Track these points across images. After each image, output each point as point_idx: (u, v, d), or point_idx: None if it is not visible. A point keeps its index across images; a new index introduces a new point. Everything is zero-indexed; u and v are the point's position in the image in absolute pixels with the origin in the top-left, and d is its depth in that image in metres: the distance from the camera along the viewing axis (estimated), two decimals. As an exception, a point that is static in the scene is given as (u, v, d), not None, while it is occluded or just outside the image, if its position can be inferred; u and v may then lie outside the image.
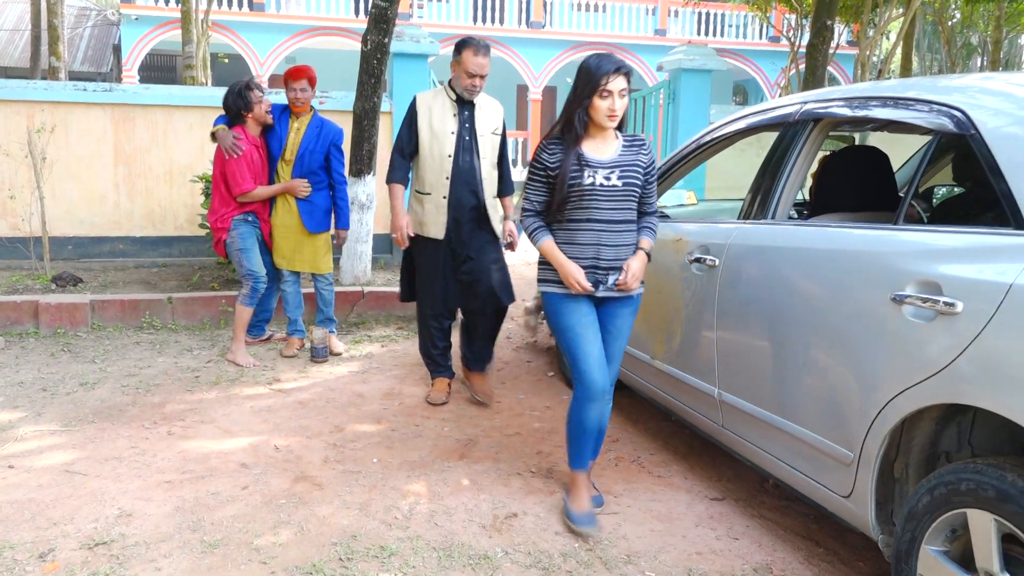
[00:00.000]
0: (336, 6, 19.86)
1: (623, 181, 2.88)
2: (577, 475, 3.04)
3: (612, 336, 3.00)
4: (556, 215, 2.91)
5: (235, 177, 4.72)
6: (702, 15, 22.07)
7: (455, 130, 4.08)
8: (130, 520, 2.90)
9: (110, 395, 4.25)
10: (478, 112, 4.15)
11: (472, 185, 4.11)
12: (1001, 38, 13.74)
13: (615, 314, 2.99)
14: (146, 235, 7.15)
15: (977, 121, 2.20)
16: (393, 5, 6.08)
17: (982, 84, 2.40)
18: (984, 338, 1.94)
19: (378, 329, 5.84)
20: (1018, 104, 2.18)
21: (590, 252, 2.88)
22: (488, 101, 4.24)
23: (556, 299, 2.96)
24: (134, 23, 18.54)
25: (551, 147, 2.91)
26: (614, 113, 2.82)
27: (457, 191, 4.09)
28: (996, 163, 2.09)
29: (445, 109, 4.11)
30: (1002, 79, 2.34)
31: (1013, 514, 1.84)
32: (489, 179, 4.18)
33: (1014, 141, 2.08)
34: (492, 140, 4.20)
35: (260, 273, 4.88)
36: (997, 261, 2.00)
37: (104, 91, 7.00)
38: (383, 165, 7.37)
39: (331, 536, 2.84)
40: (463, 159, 4.09)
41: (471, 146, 4.12)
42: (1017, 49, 25.75)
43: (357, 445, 3.69)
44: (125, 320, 5.59)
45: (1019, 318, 1.87)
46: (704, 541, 2.90)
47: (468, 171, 4.10)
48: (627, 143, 2.97)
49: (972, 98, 2.29)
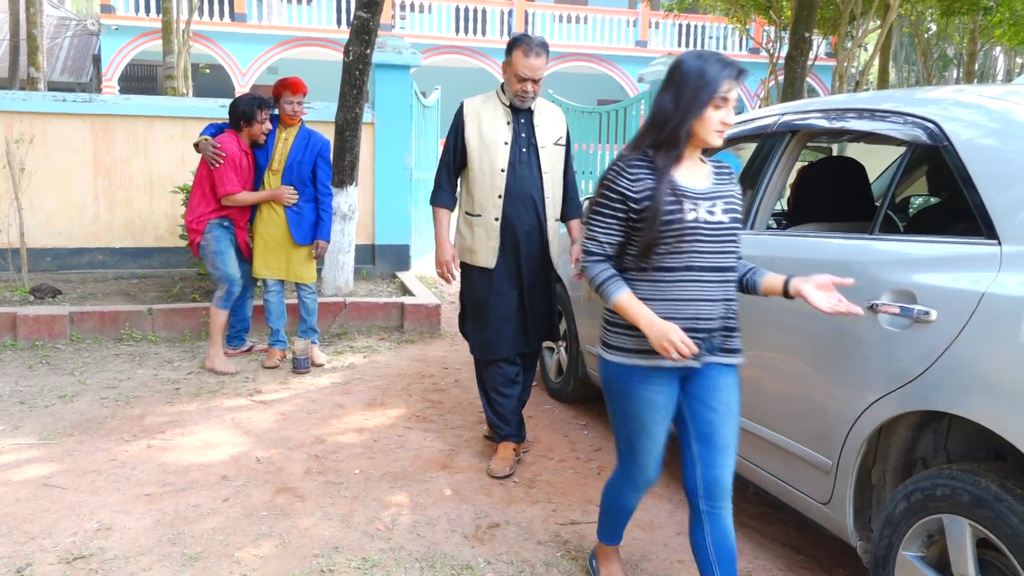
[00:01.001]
0: (318, 17, 19.87)
1: (729, 216, 2.23)
2: (609, 549, 2.66)
3: (721, 416, 2.26)
4: (640, 262, 2.19)
5: (221, 178, 4.72)
6: (683, 27, 22.26)
7: (508, 140, 3.48)
8: (109, 533, 2.88)
9: (89, 408, 4.21)
10: (537, 119, 3.55)
11: (531, 204, 3.50)
12: (976, 50, 13.96)
13: (718, 386, 2.26)
14: (126, 246, 7.10)
15: (950, 133, 2.24)
16: (375, 16, 6.10)
17: (955, 97, 2.44)
18: (957, 346, 1.98)
19: (360, 340, 5.83)
20: (990, 116, 2.23)
21: (689, 311, 2.18)
22: (548, 107, 3.63)
23: (632, 374, 2.26)
24: (114, 33, 18.46)
25: (633, 171, 2.19)
26: (727, 127, 2.22)
27: (512, 211, 3.48)
28: (968, 174, 2.13)
29: (497, 116, 3.52)
30: (974, 92, 2.39)
31: (987, 519, 1.87)
32: (552, 197, 3.56)
33: (985, 153, 2.13)
34: (555, 152, 3.56)
35: (235, 276, 4.87)
36: (970, 270, 2.03)
37: (84, 102, 6.96)
38: (365, 176, 7.40)
39: (313, 548, 2.82)
40: (520, 173, 3.48)
41: (529, 158, 3.50)
42: (992, 61, 26.17)
43: (339, 456, 3.68)
44: (104, 332, 5.54)
45: (991, 326, 1.90)
46: (685, 550, 2.91)
47: (526, 187, 3.49)
48: (716, 168, 2.32)
49: (945, 111, 2.34)
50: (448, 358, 5.47)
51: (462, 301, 3.73)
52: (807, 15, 7.20)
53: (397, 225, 7.80)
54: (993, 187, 2.05)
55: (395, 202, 7.76)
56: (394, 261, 7.79)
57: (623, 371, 2.27)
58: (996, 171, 2.07)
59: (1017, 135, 2.09)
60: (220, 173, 4.72)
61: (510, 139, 3.48)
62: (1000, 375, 1.87)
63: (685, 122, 2.17)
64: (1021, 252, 1.92)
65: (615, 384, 2.32)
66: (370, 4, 6.06)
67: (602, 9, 22.17)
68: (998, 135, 2.15)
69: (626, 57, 21.82)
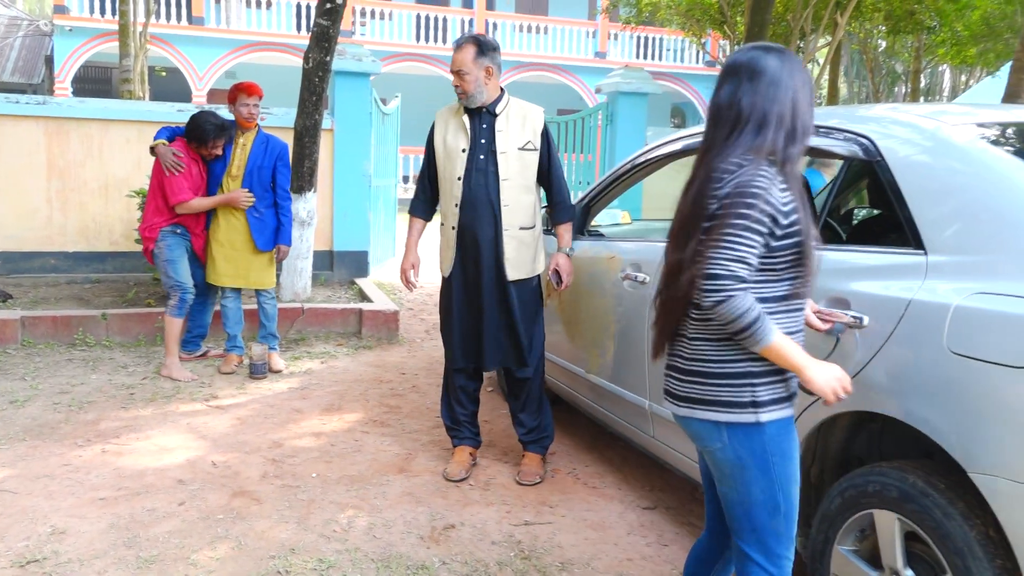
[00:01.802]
0: (277, 22, 19.76)
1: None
2: None
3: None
4: (772, 288, 1.85)
5: (172, 187, 4.70)
6: (641, 39, 22.58)
7: (466, 147, 3.42)
8: (63, 537, 2.88)
9: (42, 413, 4.17)
10: (501, 124, 3.43)
11: (488, 213, 3.40)
12: (921, 68, 14.45)
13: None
14: (79, 250, 7.02)
15: (884, 149, 2.36)
16: (335, 24, 6.13)
17: (891, 115, 2.57)
18: (887, 349, 2.10)
19: (318, 346, 5.84)
20: (920, 134, 2.35)
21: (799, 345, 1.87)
22: (521, 111, 3.50)
23: (790, 427, 1.90)
24: (68, 34, 18.15)
25: (779, 180, 1.83)
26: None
27: (468, 220, 3.41)
28: (899, 189, 2.25)
29: (458, 123, 3.47)
30: (909, 110, 2.52)
31: (914, 513, 1.99)
32: (516, 205, 3.43)
33: (915, 169, 2.25)
34: (519, 157, 3.43)
35: (187, 284, 4.86)
36: (900, 279, 2.15)
37: (37, 103, 6.88)
38: (324, 182, 7.42)
39: (269, 550, 2.85)
40: (475, 182, 3.40)
41: (487, 166, 3.40)
42: (939, 77, 26.97)
43: (296, 460, 3.70)
44: (57, 337, 5.48)
45: (917, 331, 2.02)
46: (635, 548, 3.00)
47: (482, 196, 3.39)
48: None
49: (880, 128, 2.46)
50: (406, 364, 5.51)
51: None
52: (758, 31, 7.41)
53: (356, 231, 7.82)
54: (921, 201, 2.17)
55: (354, 209, 7.79)
56: (353, 267, 7.81)
57: (784, 427, 1.88)
58: (924, 186, 2.19)
59: (944, 153, 2.22)
60: (171, 182, 4.70)
61: (468, 146, 3.43)
62: (925, 377, 1.98)
63: (810, 123, 1.90)
64: (945, 261, 2.04)
65: (778, 445, 1.87)
66: (330, 12, 6.10)
67: (562, 20, 22.40)
68: (928, 152, 2.27)
69: (585, 67, 22.06)
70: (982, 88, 13.16)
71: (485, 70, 3.39)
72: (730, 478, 1.90)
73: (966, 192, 2.09)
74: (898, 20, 10.65)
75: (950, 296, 1.96)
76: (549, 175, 3.55)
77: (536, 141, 3.48)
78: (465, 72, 3.37)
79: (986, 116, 2.45)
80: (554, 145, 3.57)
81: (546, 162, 3.52)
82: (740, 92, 1.87)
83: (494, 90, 3.46)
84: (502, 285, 3.47)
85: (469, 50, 3.36)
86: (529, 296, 3.55)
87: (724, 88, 1.91)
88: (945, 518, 1.91)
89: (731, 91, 1.89)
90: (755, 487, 1.87)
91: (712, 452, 1.90)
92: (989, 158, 2.12)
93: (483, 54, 3.38)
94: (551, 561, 2.87)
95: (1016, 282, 1.85)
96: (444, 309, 3.63)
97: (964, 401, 1.87)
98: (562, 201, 3.58)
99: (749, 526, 1.91)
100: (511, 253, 3.45)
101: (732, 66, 1.92)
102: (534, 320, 3.59)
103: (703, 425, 1.89)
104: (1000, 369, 1.79)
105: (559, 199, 3.58)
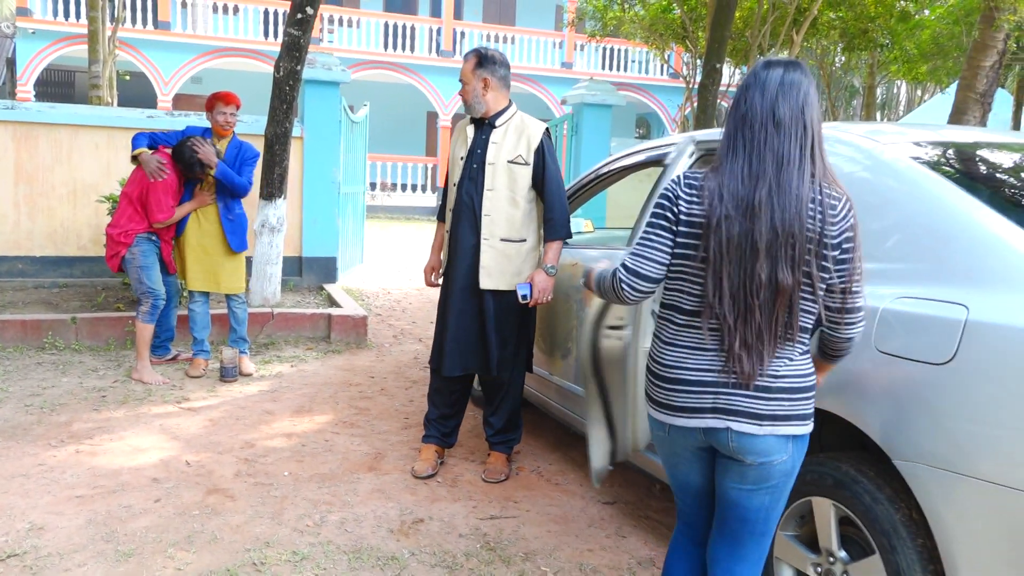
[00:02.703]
0: (244, 28, 19.73)
1: None
2: None
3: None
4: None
5: (160, 204, 4.77)
6: (607, 50, 22.91)
7: (464, 156, 3.61)
8: (42, 533, 2.96)
9: (13, 415, 4.23)
10: (496, 136, 3.57)
11: (472, 221, 3.55)
12: (875, 84, 14.93)
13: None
14: (47, 255, 7.02)
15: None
16: (306, 34, 6.25)
17: (833, 134, 2.75)
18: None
19: (287, 350, 5.93)
20: (859, 153, 2.54)
21: None
22: (519, 125, 3.61)
23: None
24: (31, 37, 17.95)
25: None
26: None
27: (456, 226, 3.60)
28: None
29: (466, 133, 3.66)
30: (849, 130, 2.72)
31: (846, 498, 2.17)
32: (499, 216, 3.53)
33: (854, 186, 2.44)
34: (507, 170, 3.52)
35: (160, 291, 4.94)
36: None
37: (5, 108, 6.88)
38: (294, 189, 7.51)
39: (244, 543, 2.97)
40: (465, 190, 3.57)
41: (476, 176, 3.55)
42: (894, 91, 27.68)
43: (268, 460, 3.81)
44: (26, 341, 5.51)
45: (849, 332, 2.21)
46: (596, 540, 3.17)
47: (469, 204, 3.56)
48: None
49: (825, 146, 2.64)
50: (374, 367, 5.63)
51: None
52: (718, 47, 7.67)
53: (325, 238, 7.92)
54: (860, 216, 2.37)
55: (323, 215, 7.89)
56: (321, 273, 7.90)
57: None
58: (858, 198, 2.39)
59: (880, 171, 2.41)
60: (158, 200, 4.77)
61: (465, 155, 3.60)
62: (857, 374, 2.17)
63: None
64: (877, 269, 2.23)
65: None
66: (301, 22, 6.21)
67: (530, 30, 22.66)
68: (866, 170, 2.47)
69: (552, 78, 22.32)
70: (934, 103, 13.64)
71: (483, 82, 3.54)
72: (776, 487, 1.97)
73: (897, 206, 2.29)
74: (852, 37, 11.04)
75: (879, 300, 2.15)
76: (543, 192, 3.58)
77: (528, 156, 3.54)
78: (464, 82, 3.56)
79: (919, 136, 2.67)
80: (552, 163, 3.60)
81: (540, 179, 3.57)
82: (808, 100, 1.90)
83: (495, 102, 3.58)
84: (477, 292, 3.57)
85: (471, 61, 3.55)
86: (508, 307, 3.60)
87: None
88: (873, 503, 2.09)
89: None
90: (788, 492, 2.03)
91: (771, 465, 1.93)
92: (918, 175, 2.31)
93: (481, 66, 3.54)
94: (515, 552, 3.02)
95: (936, 287, 2.05)
96: (438, 306, 3.78)
97: (889, 396, 2.06)
98: (553, 219, 3.58)
99: (767, 529, 2.04)
100: (488, 262, 3.54)
101: (801, 74, 1.92)
102: (513, 331, 3.64)
103: (778, 440, 1.91)
104: (918, 365, 1.99)
105: (549, 216, 3.59)
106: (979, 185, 2.33)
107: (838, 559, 2.24)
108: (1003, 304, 1.88)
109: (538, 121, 3.67)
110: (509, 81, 3.65)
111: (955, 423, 1.90)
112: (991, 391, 1.84)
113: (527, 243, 3.61)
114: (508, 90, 3.65)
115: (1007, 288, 1.91)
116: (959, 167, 2.47)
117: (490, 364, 3.63)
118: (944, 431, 1.92)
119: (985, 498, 1.83)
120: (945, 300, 1.99)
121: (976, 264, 2.01)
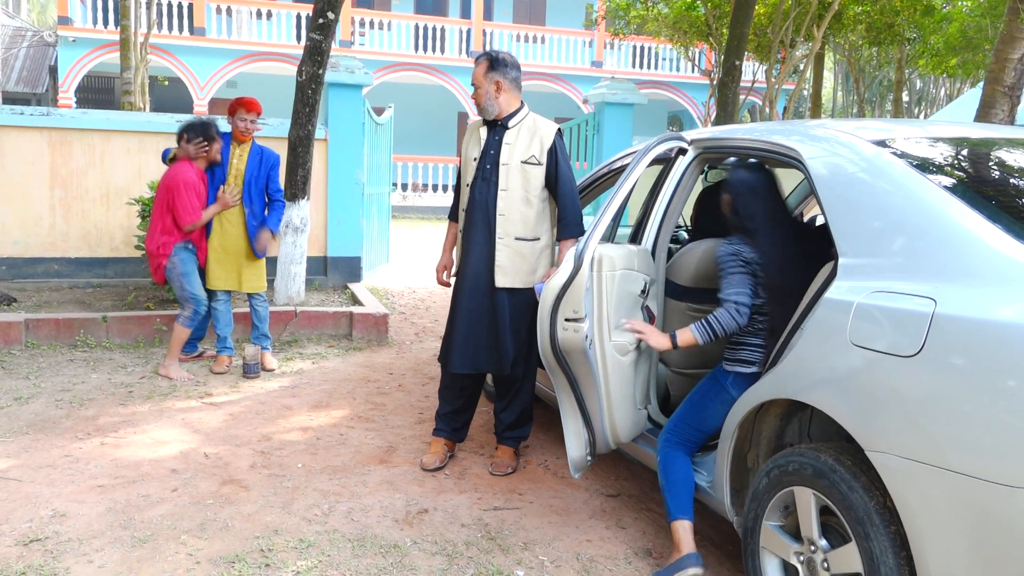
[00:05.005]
0: (277, 32, 20.07)
1: None
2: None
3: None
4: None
5: (186, 206, 4.92)
6: (637, 48, 22.87)
7: (477, 156, 3.67)
8: (63, 520, 3.11)
9: (44, 409, 4.41)
10: (509, 136, 3.62)
11: (485, 221, 3.61)
12: (903, 78, 14.71)
13: None
14: (81, 256, 7.27)
15: (807, 161, 2.60)
16: (328, 39, 6.39)
17: (815, 132, 2.77)
18: (801, 343, 2.33)
19: (310, 347, 6.08)
20: (838, 148, 2.58)
21: None
22: (533, 125, 3.66)
23: None
24: (71, 45, 18.46)
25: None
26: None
27: (470, 226, 3.66)
28: (819, 197, 2.49)
29: (479, 133, 3.72)
30: (831, 126, 2.76)
31: (826, 488, 2.22)
32: (513, 216, 3.58)
33: (831, 179, 2.49)
34: (521, 170, 3.58)
35: (202, 297, 5.11)
36: (818, 278, 2.39)
37: (41, 115, 7.13)
38: (318, 190, 7.68)
39: (254, 531, 3.09)
40: (479, 190, 3.62)
41: (490, 176, 3.61)
42: (931, 85, 27.17)
43: (283, 452, 3.94)
44: (59, 339, 5.72)
45: (823, 325, 2.26)
46: (595, 531, 3.23)
47: (483, 204, 3.61)
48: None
49: (804, 143, 2.67)
50: (394, 364, 5.74)
51: None
52: (737, 45, 7.66)
53: (349, 238, 8.08)
54: (835, 208, 2.41)
55: (347, 216, 8.04)
56: (346, 273, 8.06)
57: None
58: (839, 194, 2.43)
59: (858, 164, 2.45)
60: (184, 206, 4.93)
61: (479, 155, 3.65)
62: (833, 367, 2.22)
63: None
64: (853, 263, 2.27)
65: None
66: (323, 27, 6.35)
67: (559, 30, 22.71)
68: (847, 163, 2.51)
69: (582, 77, 22.36)
70: (967, 98, 13.38)
71: (495, 84, 3.60)
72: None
73: (873, 201, 2.33)
74: (878, 32, 10.92)
75: (854, 294, 2.19)
76: (556, 191, 3.63)
77: (541, 156, 3.59)
78: (476, 85, 3.64)
79: (903, 132, 2.70)
80: (565, 163, 3.64)
81: (553, 178, 3.61)
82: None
83: (507, 104, 3.64)
84: (491, 291, 3.63)
85: (482, 65, 3.62)
86: (523, 305, 3.64)
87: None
88: (850, 491, 2.14)
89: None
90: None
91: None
92: (894, 171, 2.35)
93: (493, 69, 3.60)
94: (515, 541, 3.10)
95: (908, 281, 2.09)
96: (450, 303, 3.82)
97: (863, 388, 2.11)
98: (565, 218, 3.63)
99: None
100: (503, 261, 3.60)
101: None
102: (527, 328, 3.66)
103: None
104: (889, 358, 2.03)
105: (562, 215, 3.64)
106: (954, 180, 2.35)
107: (819, 547, 2.29)
108: (969, 297, 1.92)
109: (550, 122, 3.73)
110: (520, 82, 3.70)
111: (923, 414, 1.94)
112: (956, 383, 1.88)
113: (541, 241, 3.66)
114: (520, 91, 3.70)
115: (975, 282, 1.95)
116: (937, 162, 2.50)
117: (504, 362, 3.67)
118: (912, 422, 1.96)
119: (951, 487, 1.87)
120: (914, 294, 2.03)
121: (946, 258, 2.04)
